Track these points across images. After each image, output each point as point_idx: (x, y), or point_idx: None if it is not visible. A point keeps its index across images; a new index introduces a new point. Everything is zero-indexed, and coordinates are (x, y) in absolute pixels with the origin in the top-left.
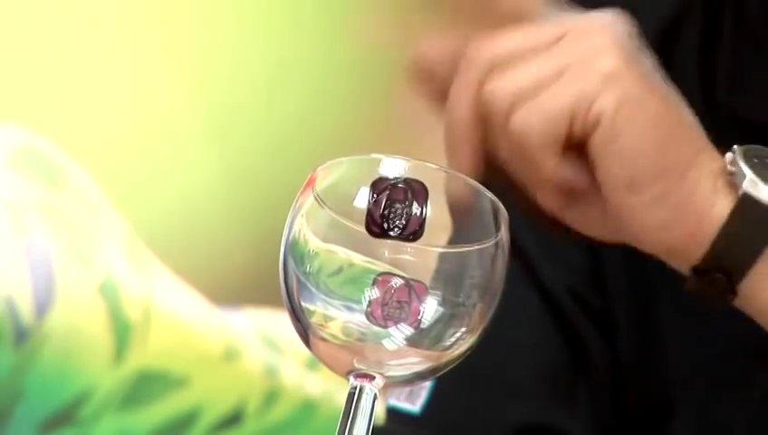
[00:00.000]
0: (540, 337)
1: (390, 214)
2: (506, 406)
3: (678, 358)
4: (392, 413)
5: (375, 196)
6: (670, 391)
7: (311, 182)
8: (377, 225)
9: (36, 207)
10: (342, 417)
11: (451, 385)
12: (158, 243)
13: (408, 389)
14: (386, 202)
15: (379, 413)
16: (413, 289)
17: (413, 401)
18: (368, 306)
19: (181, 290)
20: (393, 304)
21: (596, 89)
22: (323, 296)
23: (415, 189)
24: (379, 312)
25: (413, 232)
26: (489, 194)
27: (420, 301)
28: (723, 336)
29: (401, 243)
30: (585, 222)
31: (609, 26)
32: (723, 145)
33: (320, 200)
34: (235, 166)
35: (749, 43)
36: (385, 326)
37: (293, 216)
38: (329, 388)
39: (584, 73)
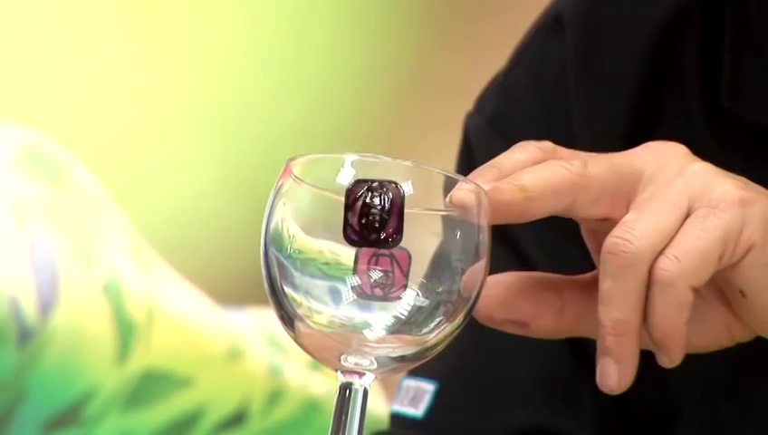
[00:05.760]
0: (542, 340)
1: (367, 221)
2: (509, 409)
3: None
4: (395, 418)
5: (350, 201)
6: (672, 395)
7: (288, 170)
8: (355, 232)
9: (40, 207)
10: (334, 414)
11: (454, 389)
12: (161, 242)
13: (411, 394)
14: (362, 208)
15: (383, 418)
16: (395, 257)
17: (416, 406)
18: (353, 273)
19: (185, 290)
20: (378, 272)
21: (739, 216)
22: (307, 278)
23: (391, 193)
24: (366, 279)
25: (391, 237)
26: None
27: (403, 269)
28: None
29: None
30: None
31: (685, 151)
32: (725, 149)
33: (298, 180)
34: (240, 165)
35: (750, 45)
36: (372, 295)
37: (273, 201)
38: (333, 388)
39: (717, 204)
